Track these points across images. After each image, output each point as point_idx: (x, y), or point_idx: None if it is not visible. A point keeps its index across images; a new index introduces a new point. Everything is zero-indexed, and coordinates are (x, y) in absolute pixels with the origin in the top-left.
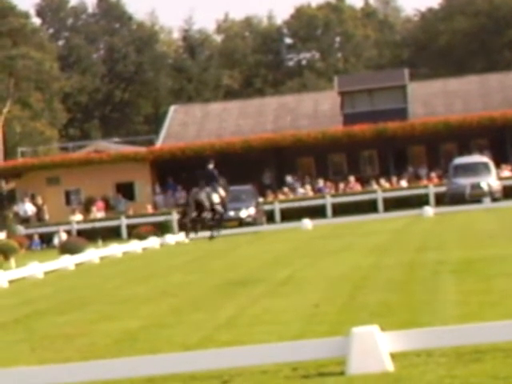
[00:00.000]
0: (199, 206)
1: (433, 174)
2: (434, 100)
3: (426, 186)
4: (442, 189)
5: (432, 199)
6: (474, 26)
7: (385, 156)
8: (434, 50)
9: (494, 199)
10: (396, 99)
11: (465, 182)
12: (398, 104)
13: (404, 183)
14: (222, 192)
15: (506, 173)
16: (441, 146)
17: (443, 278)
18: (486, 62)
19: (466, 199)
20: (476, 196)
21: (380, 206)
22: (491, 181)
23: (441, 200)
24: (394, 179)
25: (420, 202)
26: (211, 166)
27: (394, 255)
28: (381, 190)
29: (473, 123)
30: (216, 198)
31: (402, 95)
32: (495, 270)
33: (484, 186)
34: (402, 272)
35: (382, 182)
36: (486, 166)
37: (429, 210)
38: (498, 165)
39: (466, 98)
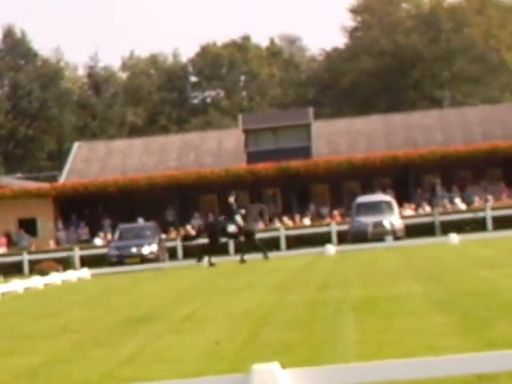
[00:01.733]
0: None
1: (335, 212)
2: (338, 139)
3: (328, 224)
4: (345, 227)
5: (334, 237)
6: (378, 66)
7: (288, 194)
8: (338, 90)
9: (397, 238)
10: (300, 138)
11: (367, 220)
12: (302, 142)
13: (307, 221)
14: (239, 220)
15: (408, 212)
16: (344, 185)
17: (344, 316)
18: (389, 102)
19: (369, 237)
20: (378, 234)
21: (283, 243)
22: (394, 219)
23: (343, 238)
24: (297, 217)
25: (322, 240)
26: (232, 199)
27: (296, 293)
28: (284, 228)
29: (376, 162)
30: (231, 228)
31: (306, 134)
32: (396, 308)
33: (386, 224)
34: (304, 310)
35: (285, 219)
36: (388, 204)
37: (331, 248)
38: (400, 204)
39: (370, 137)
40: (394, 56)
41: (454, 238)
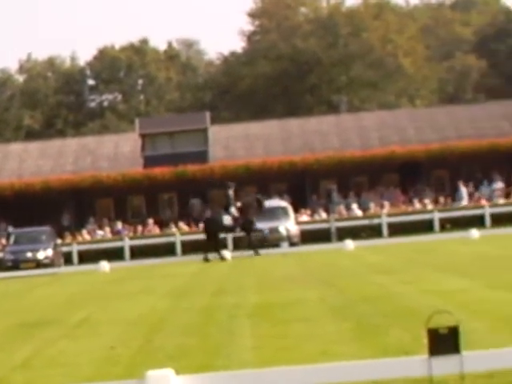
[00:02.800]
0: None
1: None
2: (235, 143)
3: None
4: (241, 232)
5: (230, 243)
6: (276, 71)
7: (184, 199)
8: (236, 94)
9: (292, 244)
10: (197, 142)
11: (264, 225)
12: (199, 147)
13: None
14: (234, 212)
15: (304, 217)
16: (240, 190)
17: (240, 321)
18: (287, 107)
19: (265, 243)
20: (274, 240)
21: (178, 249)
22: (289, 225)
23: (240, 244)
24: (193, 222)
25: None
26: (231, 192)
27: (191, 298)
28: (180, 233)
29: (273, 167)
30: (227, 220)
31: (202, 138)
32: (292, 314)
33: (282, 230)
34: (199, 315)
35: (181, 224)
36: (284, 210)
37: (227, 254)
38: (296, 209)
39: (267, 142)
40: (292, 60)
41: (349, 244)
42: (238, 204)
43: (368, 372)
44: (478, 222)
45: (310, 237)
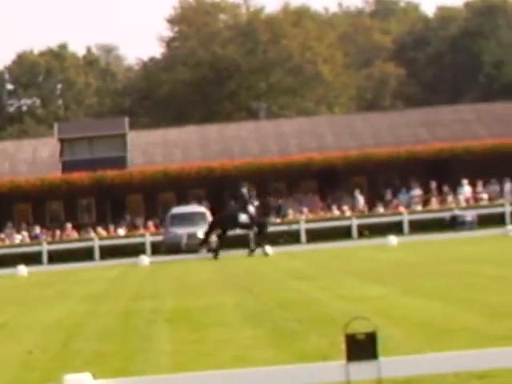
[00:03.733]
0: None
1: (150, 223)
2: (154, 149)
3: (142, 235)
4: (159, 238)
5: (148, 248)
6: (195, 77)
7: (103, 204)
8: (155, 100)
9: (210, 249)
10: (116, 147)
11: (181, 231)
12: (118, 152)
13: (121, 231)
14: (252, 210)
15: None
16: (159, 195)
17: (158, 326)
18: (206, 113)
19: (183, 249)
20: (192, 246)
21: (96, 253)
22: None
23: (158, 249)
24: (112, 227)
25: (137, 250)
26: (245, 190)
27: (109, 303)
28: (97, 238)
29: (191, 173)
30: (243, 218)
31: (121, 144)
32: (210, 319)
33: (200, 235)
34: (117, 320)
35: (99, 229)
36: (203, 215)
37: (145, 259)
38: (215, 215)
39: (186, 147)
40: (211, 67)
41: (268, 250)
42: (256, 203)
43: (285, 377)
44: (396, 228)
45: (227, 242)
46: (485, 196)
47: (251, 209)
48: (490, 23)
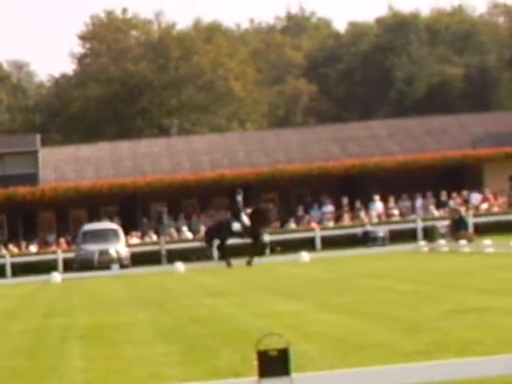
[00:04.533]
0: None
1: (62, 240)
2: (66, 166)
3: (54, 252)
4: (71, 255)
5: (60, 265)
6: (106, 93)
7: (14, 221)
8: (66, 116)
9: (123, 266)
10: (27, 164)
11: (93, 248)
12: (30, 169)
13: (33, 248)
14: (245, 219)
15: (134, 240)
16: (71, 212)
17: (70, 344)
18: (118, 129)
19: (95, 265)
20: (104, 262)
21: (8, 270)
22: (120, 247)
23: (70, 266)
24: (23, 244)
25: (49, 267)
26: (240, 198)
27: (21, 320)
28: (9, 255)
29: (103, 190)
30: (236, 226)
31: (33, 160)
32: (122, 336)
33: (112, 252)
34: (29, 338)
35: (11, 246)
36: (115, 232)
37: (57, 276)
38: (127, 232)
39: (98, 164)
40: (123, 83)
41: (180, 266)
42: (248, 211)
43: None
44: (308, 244)
45: (140, 259)
46: (396, 212)
47: (244, 217)
48: (401, 39)
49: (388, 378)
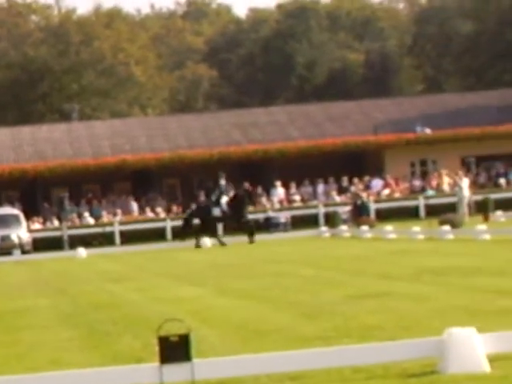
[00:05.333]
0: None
1: None
2: None
3: None
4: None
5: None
6: (6, 79)
7: None
8: None
9: (24, 251)
10: None
11: None
12: None
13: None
14: (224, 207)
15: (36, 225)
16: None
17: None
18: (18, 114)
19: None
20: (6, 248)
21: None
22: (21, 233)
23: None
24: None
25: None
26: (223, 182)
27: None
28: None
29: (4, 175)
30: (216, 212)
31: None
32: (23, 322)
33: (14, 237)
34: None
35: None
36: (16, 217)
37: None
38: (28, 217)
39: None
40: (23, 68)
41: (82, 252)
42: (232, 193)
43: (99, 380)
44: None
45: (42, 245)
46: (298, 198)
47: (223, 202)
48: (301, 25)
49: (288, 363)
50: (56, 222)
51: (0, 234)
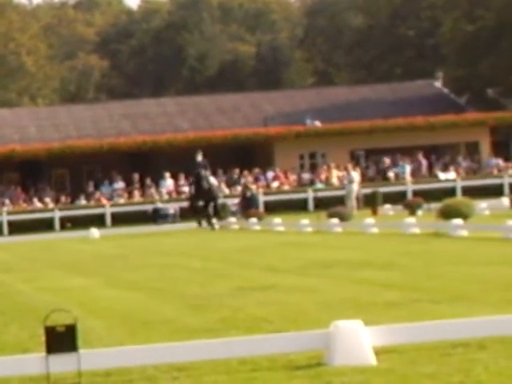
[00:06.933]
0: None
1: None
2: None
3: None
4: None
5: None
6: None
7: None
8: None
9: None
10: None
11: None
12: None
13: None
14: (206, 185)
15: None
16: None
17: None
18: None
19: None
20: None
21: None
22: None
23: None
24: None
25: None
26: (200, 158)
27: None
28: None
29: None
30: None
31: None
32: None
33: None
34: None
35: None
36: None
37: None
38: None
39: None
40: None
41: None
42: (209, 173)
43: None
44: (98, 221)
45: None
46: (187, 189)
47: (212, 180)
48: (193, 16)
49: (175, 354)
50: None
51: None
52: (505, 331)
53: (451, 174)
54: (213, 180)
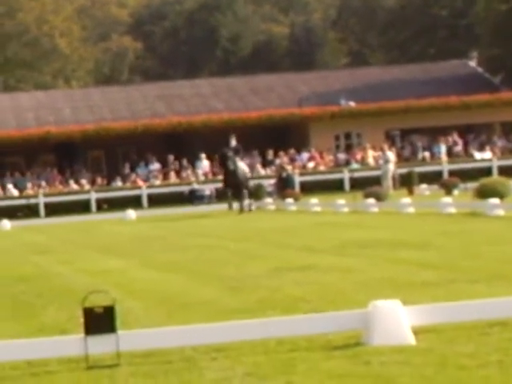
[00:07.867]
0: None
1: None
2: None
3: None
4: None
5: None
6: None
7: None
8: None
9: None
10: None
11: None
12: None
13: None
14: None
15: None
16: None
17: None
18: None
19: None
20: None
21: None
22: None
23: None
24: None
25: None
26: (234, 143)
27: None
28: None
29: None
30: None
31: None
32: None
33: None
34: None
35: None
36: None
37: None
38: None
39: None
40: None
41: (6, 224)
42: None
43: (23, 352)
44: (135, 202)
45: None
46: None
47: (241, 165)
48: None
49: (213, 335)
50: None
51: None
52: None
53: (487, 154)
54: (242, 165)
